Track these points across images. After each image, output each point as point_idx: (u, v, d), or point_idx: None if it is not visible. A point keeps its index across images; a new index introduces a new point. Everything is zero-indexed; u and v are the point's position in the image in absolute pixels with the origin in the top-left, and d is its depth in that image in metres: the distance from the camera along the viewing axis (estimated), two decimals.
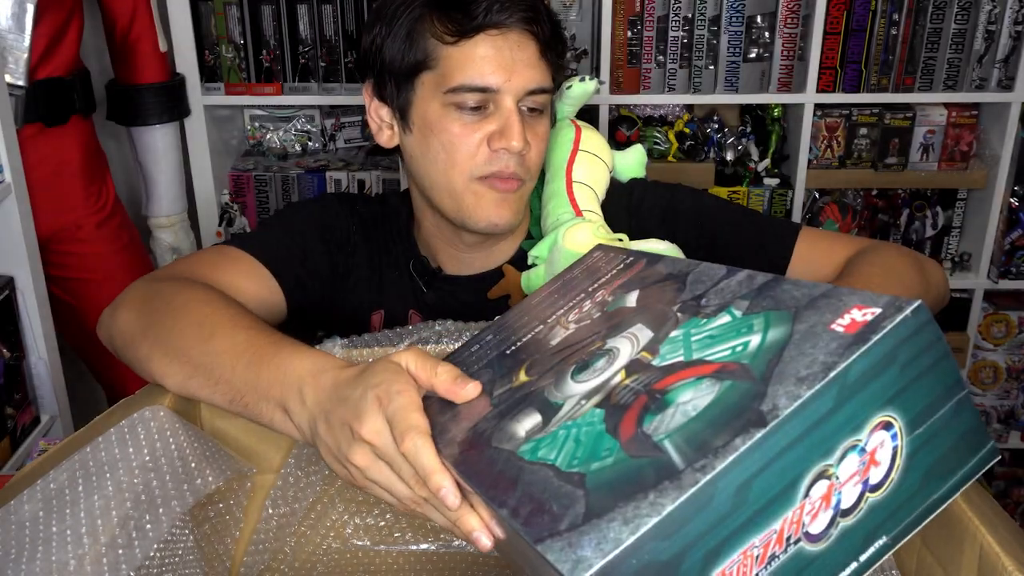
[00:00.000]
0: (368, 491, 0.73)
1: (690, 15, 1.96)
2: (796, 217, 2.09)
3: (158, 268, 1.94)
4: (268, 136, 2.21)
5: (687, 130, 2.09)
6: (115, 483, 0.77)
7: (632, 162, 1.25)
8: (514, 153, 1.05)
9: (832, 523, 0.46)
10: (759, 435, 0.44)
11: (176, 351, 0.89)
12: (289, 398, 0.79)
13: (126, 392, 0.92)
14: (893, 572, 0.81)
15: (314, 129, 2.22)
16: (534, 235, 1.19)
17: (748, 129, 2.13)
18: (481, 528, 0.63)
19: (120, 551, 0.74)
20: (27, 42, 1.55)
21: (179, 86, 1.95)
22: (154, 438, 0.82)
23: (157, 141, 1.91)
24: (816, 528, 0.46)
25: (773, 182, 2.10)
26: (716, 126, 2.11)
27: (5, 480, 1.20)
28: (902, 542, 0.47)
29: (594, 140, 1.21)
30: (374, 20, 1.10)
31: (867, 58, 1.98)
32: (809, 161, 2.06)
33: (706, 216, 1.17)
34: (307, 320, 1.17)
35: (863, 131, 2.05)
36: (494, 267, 1.18)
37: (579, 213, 1.13)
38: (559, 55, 1.10)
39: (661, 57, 1.99)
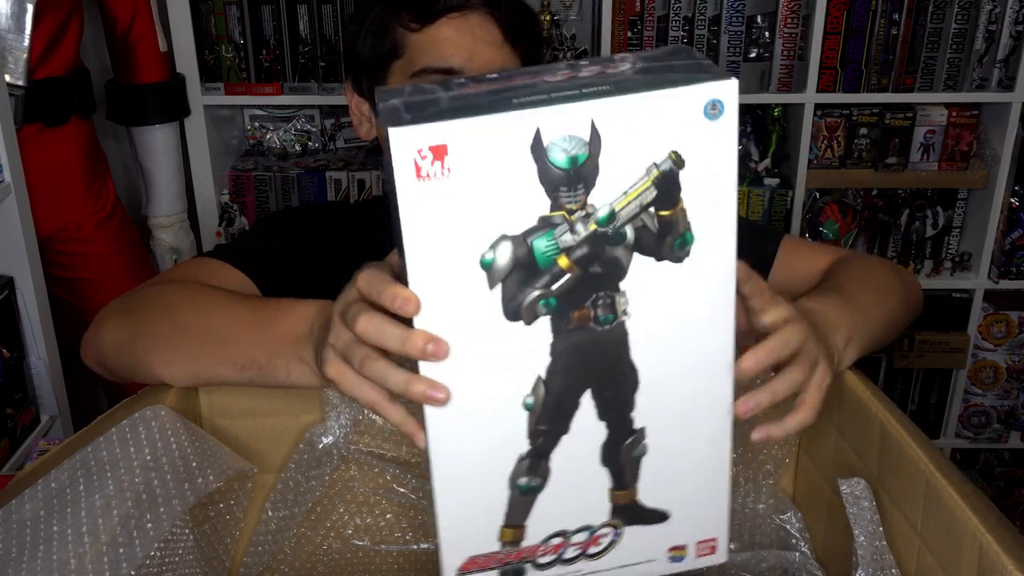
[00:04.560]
0: (343, 386, 0.71)
1: (690, 15, 1.96)
2: (796, 217, 2.09)
3: (158, 268, 1.94)
4: (268, 136, 2.21)
5: None
6: (116, 482, 0.77)
7: None
8: None
9: (568, 80, 0.62)
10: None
11: (177, 336, 0.89)
12: (302, 343, 0.80)
13: (126, 392, 0.92)
14: (893, 571, 0.81)
15: (314, 129, 2.22)
16: None
17: (748, 129, 2.13)
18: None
19: (121, 550, 0.74)
20: (27, 42, 1.55)
21: (179, 86, 1.95)
22: (155, 437, 0.82)
23: (157, 141, 1.91)
24: (553, 80, 0.62)
25: (773, 182, 2.10)
26: None
27: (5, 480, 1.20)
28: (626, 96, 0.60)
29: None
30: (351, 18, 1.15)
31: (867, 58, 1.98)
32: (809, 161, 2.06)
33: None
34: None
35: (863, 131, 2.05)
36: None
37: None
38: (530, 41, 1.11)
39: None
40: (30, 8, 1.54)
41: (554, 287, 0.64)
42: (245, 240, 1.21)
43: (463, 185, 0.60)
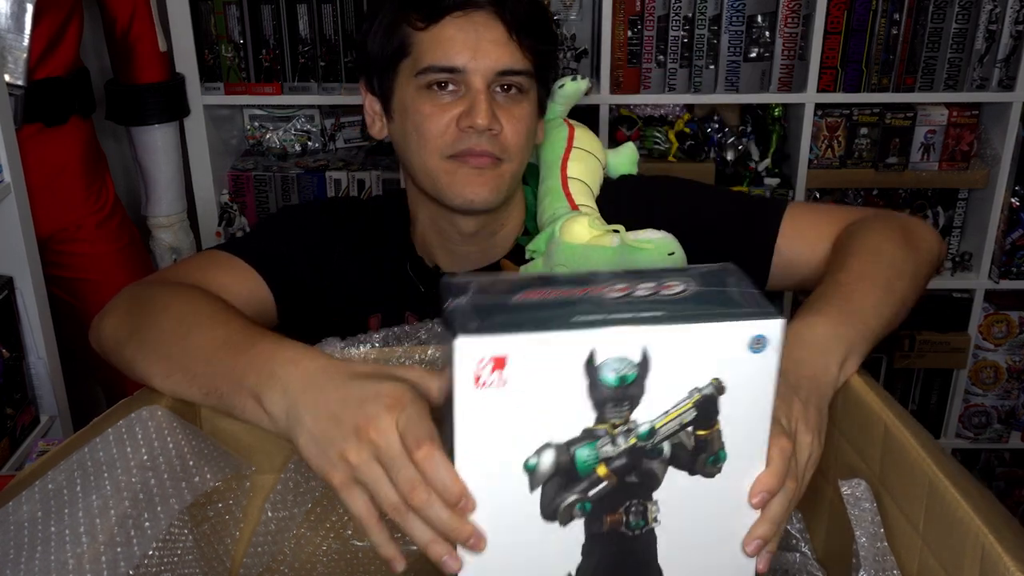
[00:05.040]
0: (342, 493, 0.72)
1: (690, 15, 1.96)
2: None
3: (157, 268, 1.94)
4: (268, 136, 2.21)
5: (687, 130, 2.09)
6: (113, 482, 0.77)
7: (624, 159, 1.27)
8: (481, 132, 1.06)
9: (624, 297, 0.65)
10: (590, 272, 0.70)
11: (157, 350, 0.90)
12: (265, 385, 0.78)
13: (125, 392, 0.92)
14: (895, 572, 0.81)
15: (314, 129, 2.21)
16: (530, 230, 1.19)
17: (748, 129, 2.13)
18: (479, 535, 0.67)
19: (119, 549, 0.74)
20: (26, 42, 1.55)
21: (179, 86, 1.95)
22: (152, 438, 0.82)
23: (157, 141, 1.91)
24: (611, 296, 0.65)
25: (773, 182, 2.10)
26: (716, 126, 2.11)
27: (6, 480, 1.20)
28: (679, 325, 0.64)
29: (587, 138, 1.23)
30: (364, 18, 1.16)
31: (868, 58, 1.97)
32: (810, 161, 2.05)
33: (691, 202, 1.18)
34: (301, 325, 1.18)
35: (864, 131, 2.05)
36: (491, 262, 1.19)
37: (575, 207, 1.14)
38: (539, 38, 1.11)
39: (661, 57, 1.99)
40: (30, 8, 1.54)
41: (591, 493, 0.68)
42: (254, 235, 1.23)
43: (517, 395, 0.63)
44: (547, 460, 0.66)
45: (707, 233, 1.13)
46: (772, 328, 0.64)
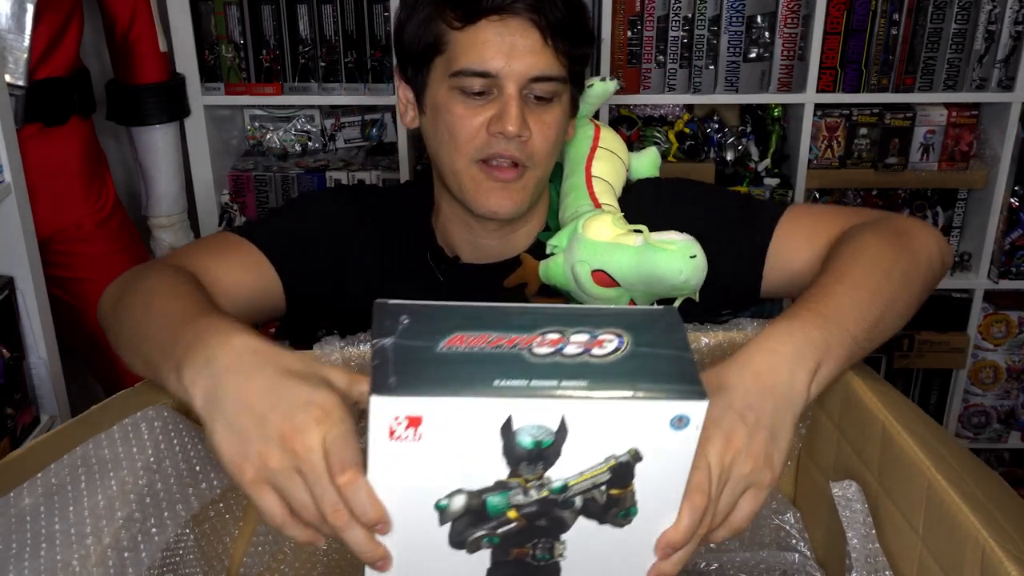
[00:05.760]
0: (252, 489, 0.70)
1: (690, 15, 1.96)
2: None
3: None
4: (268, 136, 2.21)
5: (687, 130, 2.09)
6: (119, 482, 0.77)
7: (646, 163, 1.27)
8: (511, 138, 1.06)
9: (552, 355, 0.64)
10: (525, 306, 0.69)
11: (127, 325, 0.92)
12: (189, 354, 0.75)
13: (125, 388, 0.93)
14: (887, 573, 0.81)
15: (314, 129, 2.21)
16: (552, 227, 1.19)
17: (748, 129, 2.13)
18: (387, 557, 0.69)
19: (125, 554, 0.74)
20: (27, 42, 1.55)
21: (179, 86, 1.95)
22: (157, 438, 0.82)
23: (157, 141, 1.91)
24: (539, 351, 0.64)
25: (773, 182, 2.10)
26: (716, 126, 2.11)
27: None
28: (597, 394, 0.63)
29: (612, 139, 1.24)
30: (402, 4, 1.14)
31: (867, 58, 1.97)
32: (809, 161, 2.05)
33: (699, 204, 1.18)
34: (313, 312, 1.17)
35: (863, 131, 2.05)
36: (511, 256, 1.19)
37: (598, 205, 1.14)
38: (575, 41, 1.09)
39: (661, 57, 1.99)
40: (30, 8, 1.54)
41: (499, 531, 0.68)
42: (271, 219, 1.22)
43: (431, 449, 0.63)
44: (458, 503, 0.66)
45: (709, 233, 1.12)
46: (694, 409, 0.63)
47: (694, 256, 1.02)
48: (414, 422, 0.62)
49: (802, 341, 0.82)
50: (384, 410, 0.62)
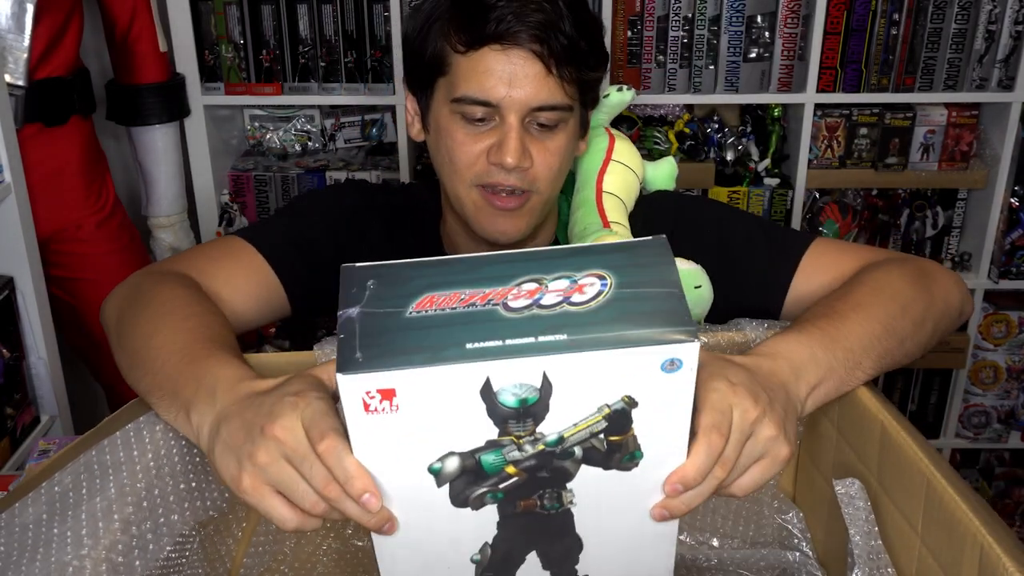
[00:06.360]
0: (257, 498, 0.70)
1: (690, 15, 1.96)
2: (796, 217, 2.09)
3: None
4: (268, 136, 2.21)
5: (687, 130, 2.09)
6: (118, 486, 0.78)
7: (662, 174, 1.24)
8: (510, 169, 1.05)
9: (529, 307, 0.62)
10: (500, 253, 0.67)
11: (130, 343, 0.92)
12: (198, 399, 0.79)
13: (125, 392, 0.93)
14: (889, 570, 0.81)
15: (314, 129, 2.21)
16: (560, 240, 1.18)
17: (748, 129, 2.13)
18: (392, 519, 0.68)
19: (120, 559, 0.74)
20: (27, 42, 1.55)
21: (179, 86, 1.95)
22: (158, 443, 0.82)
23: (157, 141, 1.91)
24: (515, 304, 0.62)
25: (773, 182, 2.10)
26: (716, 126, 2.11)
27: (6, 480, 1.20)
28: (581, 353, 0.60)
29: (626, 151, 1.20)
30: (411, 15, 1.13)
31: (867, 58, 1.97)
32: (809, 161, 2.05)
33: (719, 226, 1.15)
34: (319, 314, 1.17)
35: (863, 131, 2.05)
36: None
37: (606, 224, 1.12)
38: (585, 67, 1.07)
39: (661, 57, 1.99)
40: (30, 8, 1.54)
41: (501, 486, 0.67)
42: (275, 222, 1.21)
43: (411, 418, 0.62)
44: (451, 465, 0.65)
45: (734, 258, 1.11)
46: (685, 351, 0.61)
47: (699, 286, 1.01)
48: (387, 394, 0.61)
49: (807, 357, 0.84)
50: (352, 387, 0.61)
